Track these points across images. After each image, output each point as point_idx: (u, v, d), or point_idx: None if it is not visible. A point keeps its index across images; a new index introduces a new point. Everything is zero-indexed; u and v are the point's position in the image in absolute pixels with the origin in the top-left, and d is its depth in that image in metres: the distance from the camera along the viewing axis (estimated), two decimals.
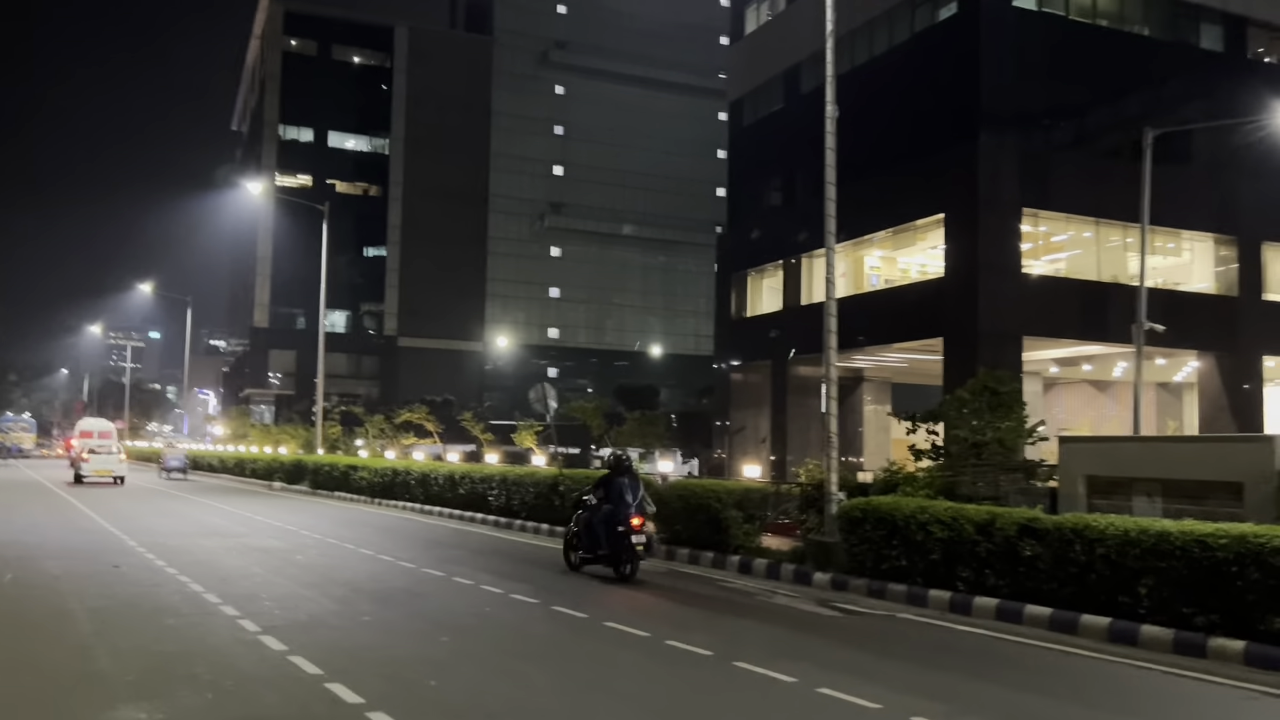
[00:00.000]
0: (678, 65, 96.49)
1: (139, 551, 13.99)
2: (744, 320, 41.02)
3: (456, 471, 22.17)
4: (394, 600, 10.29)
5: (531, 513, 18.91)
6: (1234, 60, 32.61)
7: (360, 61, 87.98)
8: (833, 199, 13.70)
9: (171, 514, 21.94)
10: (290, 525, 19.14)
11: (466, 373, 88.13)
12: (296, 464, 32.93)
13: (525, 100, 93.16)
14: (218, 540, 16.06)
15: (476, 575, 12.30)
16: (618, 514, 12.44)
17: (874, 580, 11.40)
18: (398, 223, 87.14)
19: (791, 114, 38.51)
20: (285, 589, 10.83)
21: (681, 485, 14.92)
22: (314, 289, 79.77)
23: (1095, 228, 30.89)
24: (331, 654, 7.48)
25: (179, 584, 10.93)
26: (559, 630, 8.93)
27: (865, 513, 11.58)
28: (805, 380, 38.37)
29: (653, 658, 7.78)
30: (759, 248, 40.08)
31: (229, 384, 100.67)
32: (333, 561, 13.58)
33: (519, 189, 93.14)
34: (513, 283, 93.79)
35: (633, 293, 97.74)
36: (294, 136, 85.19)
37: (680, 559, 14.41)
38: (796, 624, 9.70)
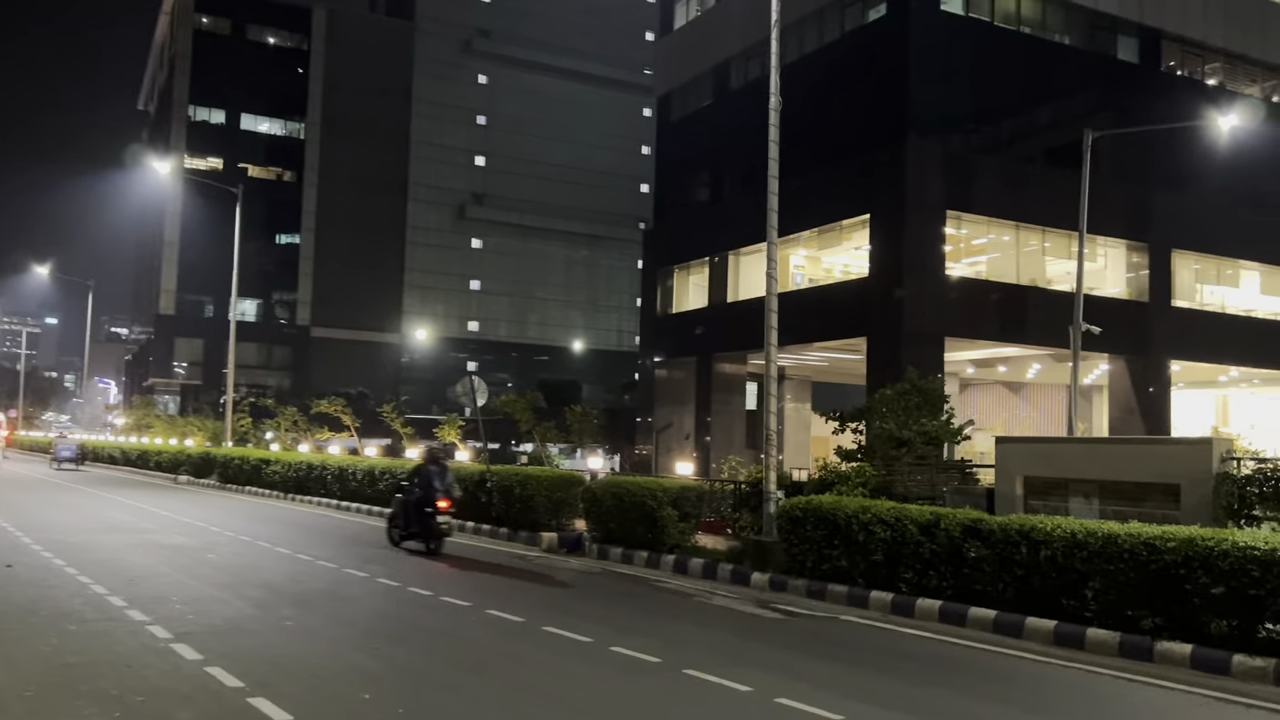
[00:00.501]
0: (603, 59, 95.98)
1: (35, 550, 13.06)
2: (669, 317, 40.83)
3: (376, 466, 21.43)
4: (316, 603, 9.71)
5: (458, 510, 18.29)
6: (1149, 72, 33.55)
7: (275, 42, 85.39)
8: (774, 192, 13.52)
9: (71, 508, 20.75)
10: (200, 521, 18.22)
11: (382, 365, 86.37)
12: (205, 457, 31.62)
13: (447, 88, 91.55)
14: (122, 537, 15.14)
15: (403, 576, 11.76)
16: (427, 498, 14.26)
17: (814, 581, 11.21)
18: (313, 209, 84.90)
19: (720, 110, 38.42)
20: (198, 590, 10.15)
21: (615, 483, 14.55)
22: (223, 276, 77.27)
23: (1015, 231, 31.45)
24: (252, 664, 6.93)
25: (80, 585, 10.16)
26: (496, 635, 8.48)
27: (806, 512, 11.38)
28: (729, 377, 38.41)
29: (600, 666, 7.40)
30: (685, 244, 39.92)
31: (132, 373, 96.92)
32: (247, 560, 12.87)
33: (440, 178, 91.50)
34: (432, 274, 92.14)
35: (555, 287, 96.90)
36: (204, 118, 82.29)
37: (613, 558, 14.05)
38: (741, 627, 9.43)
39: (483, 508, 17.47)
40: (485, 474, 17.41)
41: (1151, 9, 33.22)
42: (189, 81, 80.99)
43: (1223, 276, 35.03)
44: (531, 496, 16.16)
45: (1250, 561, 7.65)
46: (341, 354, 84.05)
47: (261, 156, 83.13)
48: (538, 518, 16.17)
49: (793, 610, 10.31)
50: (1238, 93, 35.10)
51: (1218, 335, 33.47)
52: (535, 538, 15.87)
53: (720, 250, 37.31)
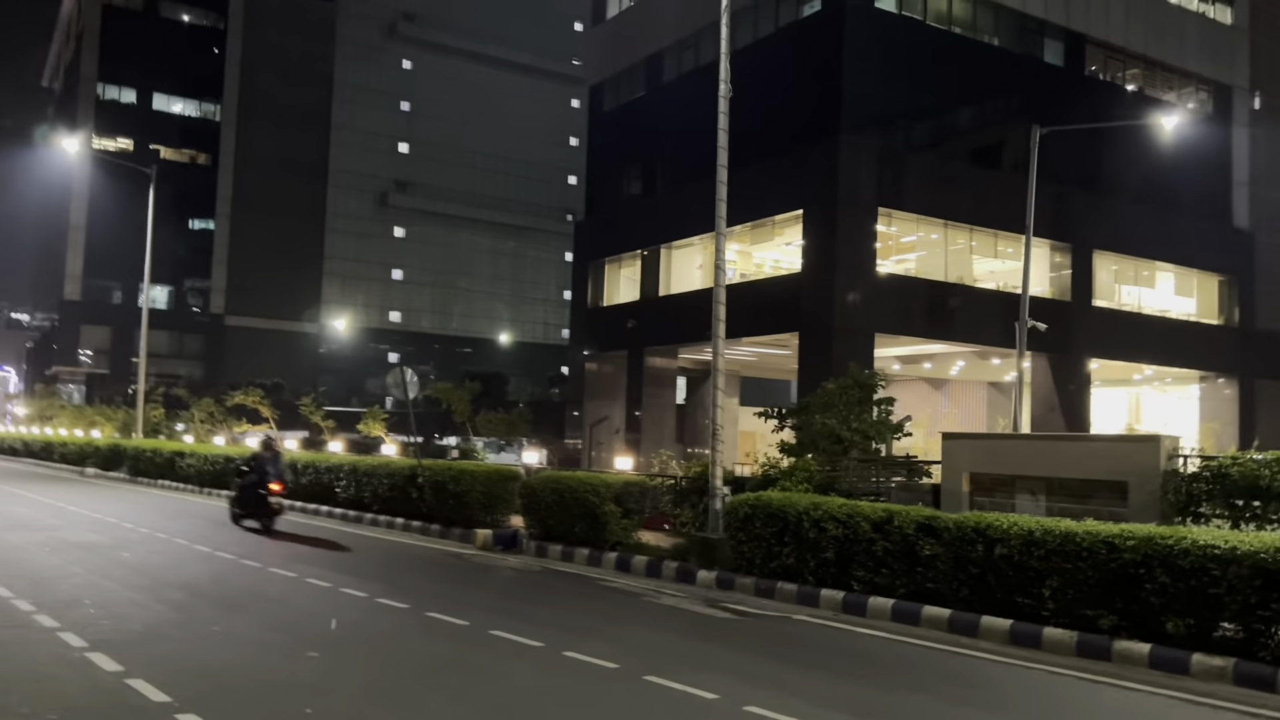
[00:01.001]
0: (531, 48, 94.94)
1: None
2: (600, 310, 40.44)
3: (299, 460, 20.62)
4: (244, 606, 9.13)
5: (385, 505, 17.70)
6: (1073, 75, 34.26)
7: (190, 20, 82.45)
8: (724, 182, 13.32)
9: None
10: (110, 517, 17.26)
11: (300, 355, 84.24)
12: (113, 449, 30.19)
13: (371, 72, 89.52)
14: (26, 534, 14.21)
15: (332, 576, 11.18)
16: (261, 482, 16.15)
17: (763, 579, 10.98)
18: (228, 194, 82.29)
19: (653, 102, 38.11)
20: (113, 593, 9.47)
21: (555, 478, 14.14)
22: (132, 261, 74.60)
23: (943, 230, 31.82)
24: (179, 675, 6.38)
25: None
26: (441, 641, 8.04)
27: (755, 509, 11.14)
28: (660, 371, 38.18)
29: (558, 674, 7.01)
30: (616, 237, 39.57)
31: (34, 361, 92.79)
32: (165, 560, 12.14)
33: (362, 165, 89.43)
34: (353, 262, 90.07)
35: (480, 278, 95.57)
36: (114, 97, 79.04)
37: (553, 556, 13.65)
38: (694, 629, 9.13)
39: (413, 503, 16.88)
40: (416, 468, 16.83)
41: (1077, 13, 33.94)
42: (98, 58, 77.69)
43: (1140, 277, 36.02)
44: (466, 492, 15.65)
45: (1210, 560, 7.62)
46: (257, 344, 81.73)
47: (175, 138, 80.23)
48: (472, 514, 15.66)
49: (743, 610, 10.06)
50: (1155, 98, 36.11)
51: (1135, 335, 34.39)
52: (469, 535, 15.38)
53: (652, 243, 37.04)
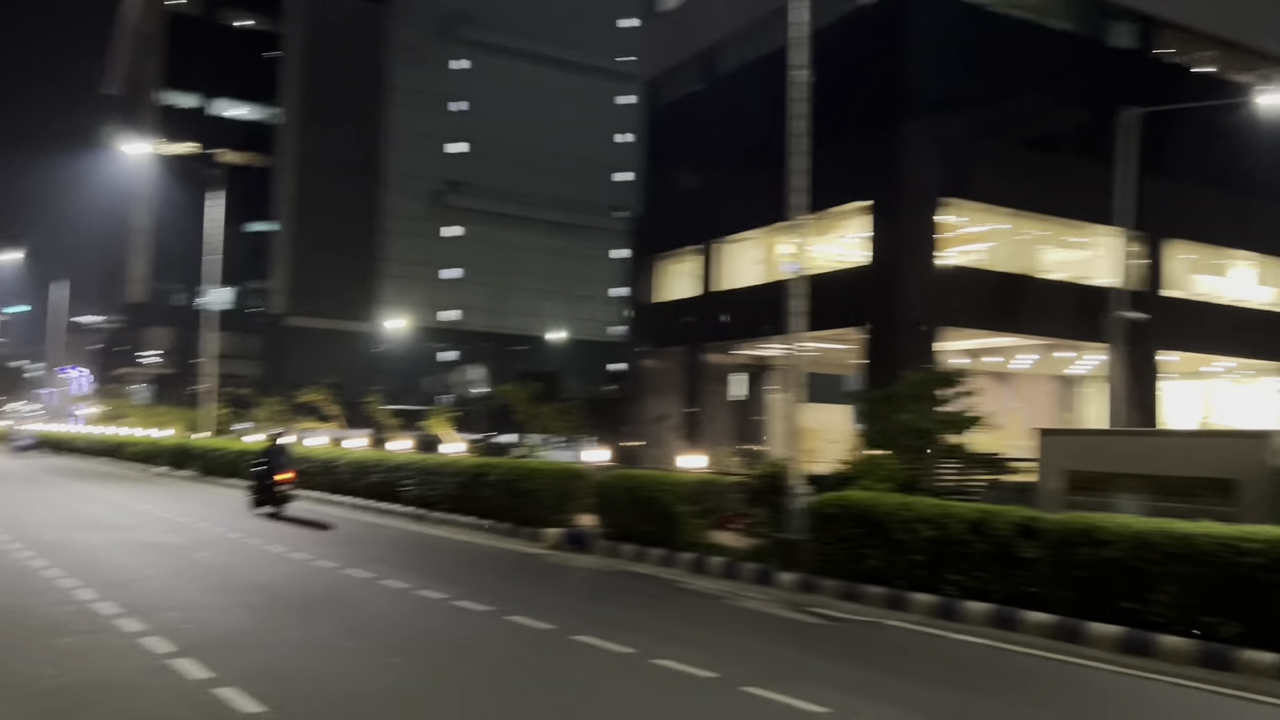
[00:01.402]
0: (580, 45, 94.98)
1: (12, 550, 12.23)
2: (656, 306, 40.12)
3: (366, 459, 20.65)
4: (322, 610, 8.99)
5: (453, 504, 17.60)
6: (1143, 58, 33.20)
7: (248, 26, 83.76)
8: (802, 170, 12.90)
9: (46, 503, 19.83)
10: (182, 517, 17.38)
11: (357, 355, 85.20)
12: (182, 448, 30.61)
13: (424, 74, 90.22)
14: (103, 535, 14.31)
15: (407, 577, 11.04)
16: (271, 473, 18.27)
17: (848, 582, 10.61)
18: (287, 196, 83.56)
19: (709, 96, 37.71)
20: (191, 595, 9.40)
21: (626, 477, 13.90)
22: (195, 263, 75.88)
23: (1012, 219, 31.01)
24: (267, 684, 6.22)
25: (65, 591, 9.37)
26: (526, 648, 7.80)
27: (840, 509, 10.78)
28: (717, 367, 37.79)
29: (651, 683, 6.74)
30: (672, 232, 39.19)
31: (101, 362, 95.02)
32: (239, 560, 12.10)
33: (416, 166, 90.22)
34: (408, 263, 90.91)
35: (533, 276, 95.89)
36: (176, 102, 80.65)
37: (625, 555, 13.39)
38: (784, 634, 8.81)
39: (481, 502, 16.74)
40: (484, 467, 16.69)
41: None
42: (160, 65, 79.30)
43: (1217, 267, 34.82)
44: (535, 491, 15.46)
45: None
46: (315, 343, 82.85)
47: (234, 142, 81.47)
48: (541, 513, 15.46)
49: (831, 614, 9.70)
50: (1230, 80, 34.85)
51: (1211, 326, 33.23)
52: (539, 534, 15.20)
53: (709, 238, 36.64)
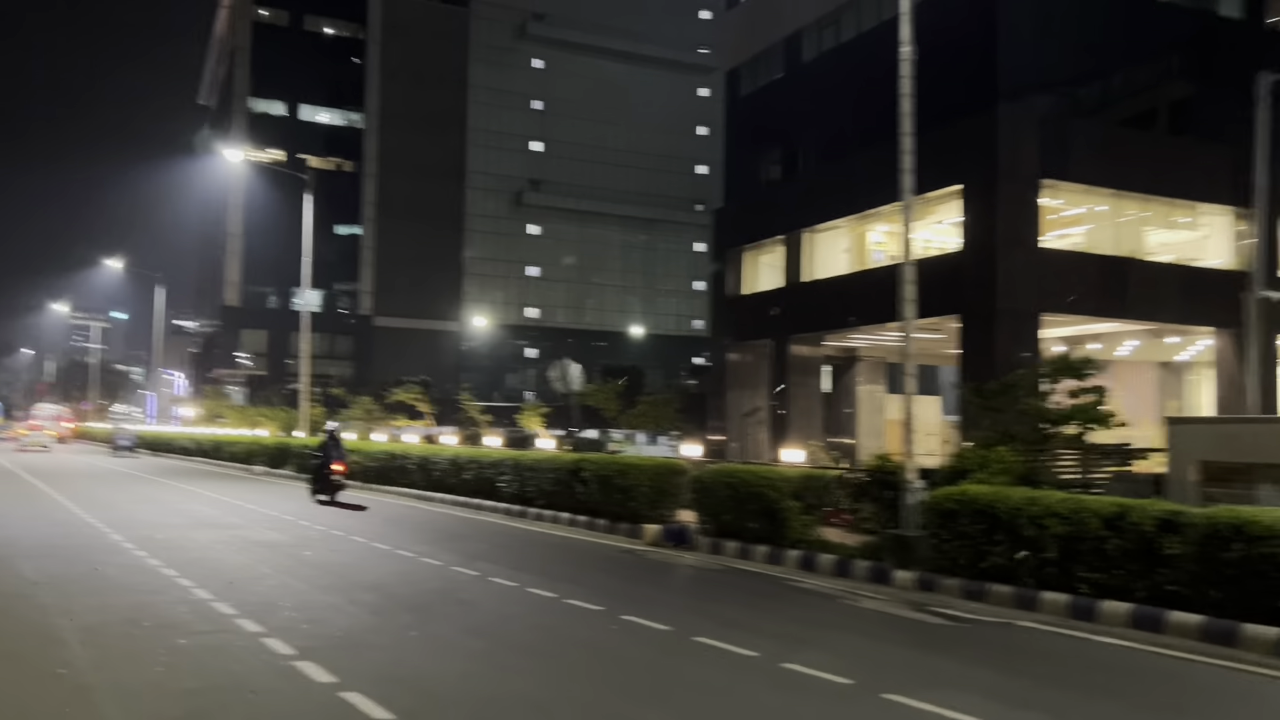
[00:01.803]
0: (658, 39, 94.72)
1: (127, 548, 12.46)
2: (740, 298, 39.64)
3: (461, 455, 20.71)
4: (437, 610, 8.88)
5: (549, 500, 17.52)
6: (1252, 28, 31.55)
7: (332, 33, 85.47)
8: (910, 151, 12.39)
9: (153, 501, 20.33)
10: (286, 514, 17.62)
11: (443, 353, 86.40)
12: (280, 447, 31.23)
13: (503, 74, 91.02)
14: (211, 533, 14.54)
15: (514, 575, 10.91)
16: (326, 464, 20.35)
17: (970, 580, 10.13)
18: (372, 199, 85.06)
19: (792, 84, 37.10)
20: (305, 595, 9.38)
21: (728, 472, 13.57)
22: (286, 267, 77.75)
23: (1112, 200, 29.78)
24: (391, 687, 6.07)
25: (182, 590, 9.44)
26: (649, 649, 7.55)
27: (961, 504, 10.30)
28: (805, 360, 37.13)
29: (786, 689, 6.42)
30: (757, 223, 38.68)
31: (197, 365, 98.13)
32: (348, 559, 12.13)
33: (496, 165, 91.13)
34: (490, 261, 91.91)
35: (612, 271, 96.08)
36: (264, 110, 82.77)
37: (728, 553, 13.08)
38: (911, 636, 8.40)
39: (578, 498, 16.61)
40: (581, 463, 16.54)
41: None
42: (249, 74, 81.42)
43: None
44: (633, 487, 15.24)
45: None
46: (402, 343, 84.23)
47: (321, 147, 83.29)
48: (639, 509, 15.25)
49: (956, 615, 9.26)
50: None
51: None
52: (637, 530, 14.99)
53: (794, 228, 36.03)
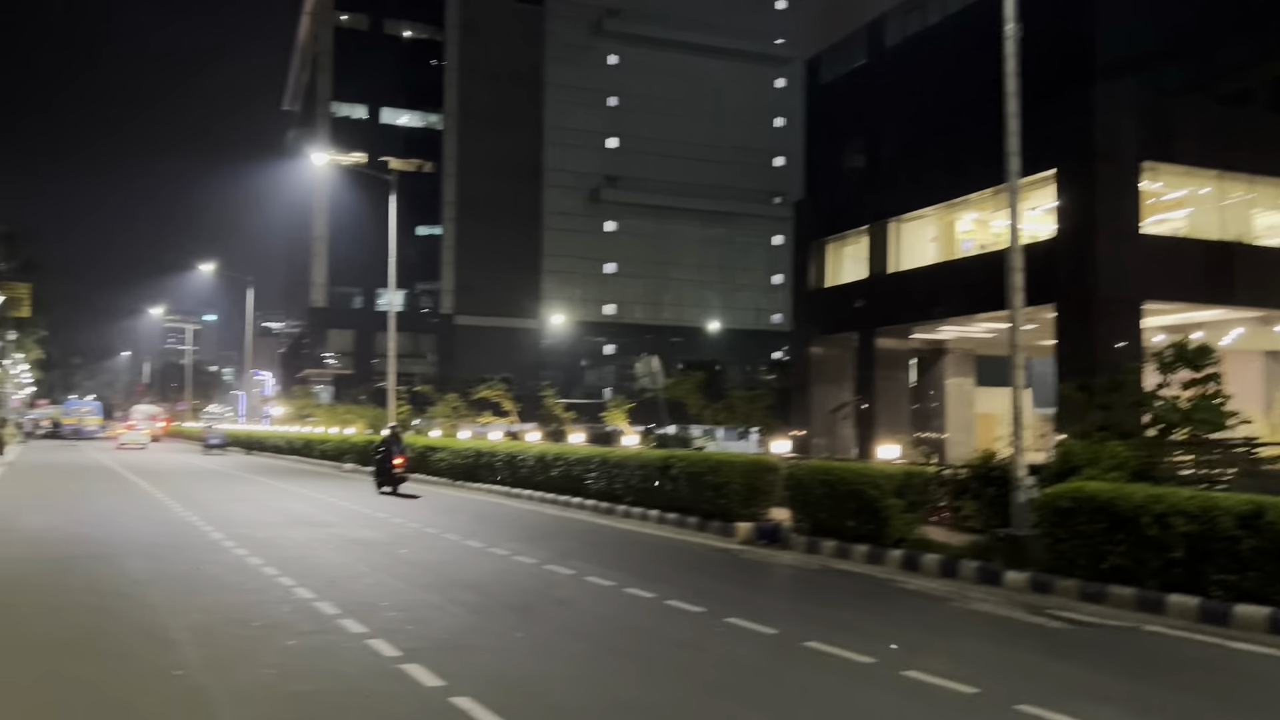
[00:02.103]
0: (733, 31, 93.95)
1: (227, 546, 12.65)
2: (823, 291, 38.98)
3: (548, 453, 20.67)
4: (538, 610, 8.76)
5: (637, 497, 17.36)
6: None
7: (411, 35, 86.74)
8: (1015, 132, 11.90)
9: (248, 499, 20.76)
10: (379, 512, 17.78)
11: (522, 351, 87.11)
12: (369, 445, 31.64)
13: (578, 71, 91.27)
14: (307, 531, 14.71)
15: (609, 574, 10.75)
16: (389, 458, 22.41)
17: (1088, 582, 9.64)
18: (452, 199, 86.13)
19: (875, 71, 36.37)
20: (406, 594, 9.35)
21: (825, 469, 13.22)
22: (370, 268, 79.05)
23: (1216, 182, 28.46)
24: (501, 693, 5.93)
25: (284, 589, 9.49)
26: (758, 655, 7.30)
27: (1078, 502, 9.81)
28: (892, 353, 36.33)
29: (906, 698, 6.11)
30: (839, 214, 37.98)
31: (286, 365, 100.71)
32: (443, 557, 12.12)
33: (573, 162, 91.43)
34: (568, 258, 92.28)
35: (689, 266, 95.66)
36: (347, 114, 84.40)
37: (826, 552, 12.73)
38: (1034, 641, 7.99)
39: (667, 495, 16.41)
40: (669, 460, 16.34)
41: None
42: (331, 78, 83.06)
43: None
44: (724, 484, 14.97)
45: None
46: (483, 341, 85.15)
47: (401, 149, 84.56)
48: (731, 506, 14.98)
49: (1077, 619, 8.79)
50: None
51: None
52: (729, 528, 14.73)
53: (878, 218, 35.28)
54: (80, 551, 11.99)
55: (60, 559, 11.38)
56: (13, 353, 56.38)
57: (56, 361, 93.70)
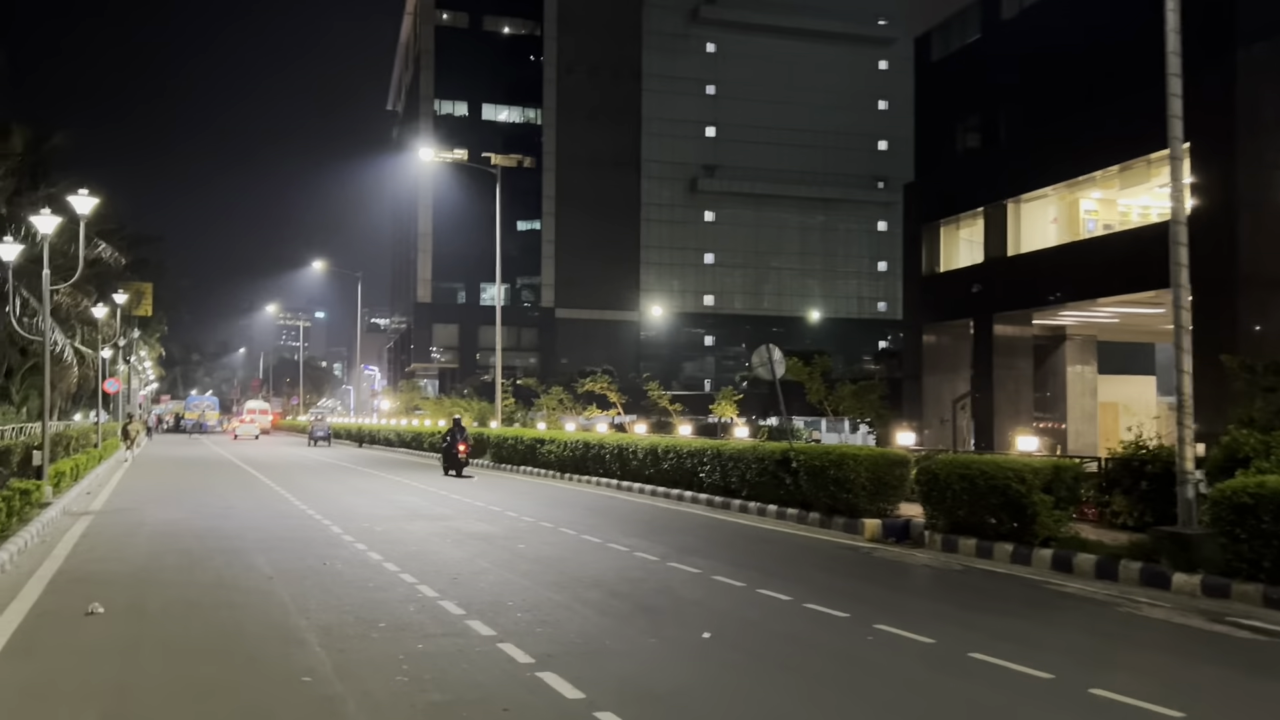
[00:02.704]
0: (833, 14, 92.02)
1: (347, 541, 12.56)
2: (936, 276, 37.61)
3: (659, 445, 20.25)
4: (668, 612, 8.30)
5: (754, 491, 16.79)
6: None
7: (510, 31, 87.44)
8: (1178, 94, 10.92)
9: (363, 492, 20.89)
10: (492, 505, 17.63)
11: (622, 343, 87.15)
12: (478, 437, 31.83)
13: (675, 60, 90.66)
14: (424, 524, 14.59)
15: (737, 572, 10.25)
16: (453, 445, 25.66)
17: (1272, 586, 8.72)
18: (552, 194, 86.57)
19: (991, 45, 34.76)
20: (530, 592, 9.00)
21: (964, 462, 12.41)
22: (473, 264, 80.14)
23: None
24: (648, 707, 5.49)
25: (407, 586, 9.25)
26: (920, 666, 6.68)
27: (1259, 498, 8.88)
28: (1011, 340, 34.81)
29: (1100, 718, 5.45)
30: (953, 196, 36.55)
31: (393, 359, 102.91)
32: (562, 552, 11.78)
33: (671, 153, 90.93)
34: (666, 249, 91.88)
35: (790, 255, 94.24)
36: (449, 111, 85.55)
37: (965, 550, 11.96)
38: (1227, 655, 7.17)
39: (786, 490, 15.79)
40: (789, 453, 15.71)
41: None
42: (434, 76, 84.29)
43: None
44: (849, 479, 14.28)
45: None
46: (583, 333, 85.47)
47: (501, 145, 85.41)
48: (856, 502, 14.28)
49: (1266, 627, 7.92)
50: None
51: None
52: (854, 525, 14.05)
53: (997, 199, 33.81)
54: (207, 546, 12.05)
55: (188, 553, 11.42)
56: (137, 350, 58.76)
57: (177, 358, 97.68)
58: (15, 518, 12.16)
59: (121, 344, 44.69)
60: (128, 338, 49.85)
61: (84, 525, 14.12)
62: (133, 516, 15.41)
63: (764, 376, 16.31)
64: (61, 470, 18.04)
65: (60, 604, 8.36)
